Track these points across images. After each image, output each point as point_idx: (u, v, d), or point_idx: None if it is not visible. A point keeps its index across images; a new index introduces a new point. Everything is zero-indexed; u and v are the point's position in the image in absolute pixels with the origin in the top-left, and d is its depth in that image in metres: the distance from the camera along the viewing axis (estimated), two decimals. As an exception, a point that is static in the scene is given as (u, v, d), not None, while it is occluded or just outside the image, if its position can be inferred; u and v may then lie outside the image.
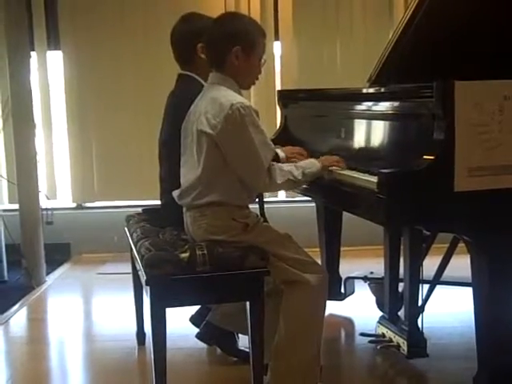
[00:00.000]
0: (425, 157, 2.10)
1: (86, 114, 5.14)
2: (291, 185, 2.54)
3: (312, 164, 2.55)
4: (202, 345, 3.08)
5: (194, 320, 3.13)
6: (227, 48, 2.48)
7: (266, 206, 3.18)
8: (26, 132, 4.42)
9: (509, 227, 2.16)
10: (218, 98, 2.45)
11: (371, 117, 2.62)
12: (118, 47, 5.06)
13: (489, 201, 2.13)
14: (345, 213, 3.25)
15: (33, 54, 4.86)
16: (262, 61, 2.59)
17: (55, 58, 5.20)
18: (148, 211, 3.12)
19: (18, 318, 3.84)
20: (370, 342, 3.03)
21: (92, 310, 4.22)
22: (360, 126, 2.71)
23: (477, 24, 2.74)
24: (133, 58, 5.04)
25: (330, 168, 2.55)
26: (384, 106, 2.53)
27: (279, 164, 2.54)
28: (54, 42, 5.13)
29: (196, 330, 3.08)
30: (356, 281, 3.68)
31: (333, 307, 3.48)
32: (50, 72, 5.15)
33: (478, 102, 2.08)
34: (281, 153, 2.83)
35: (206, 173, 2.46)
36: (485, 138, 2.10)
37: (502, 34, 2.77)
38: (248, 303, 2.45)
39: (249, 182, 2.47)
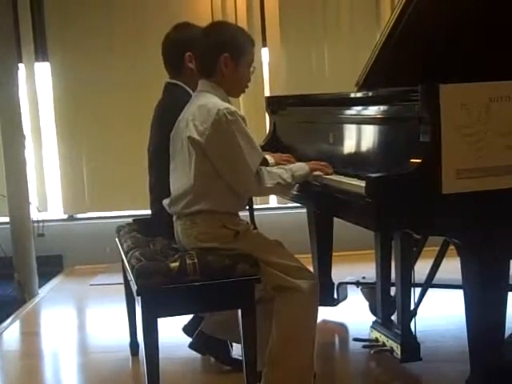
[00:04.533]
0: (412, 160, 2.10)
1: (76, 126, 5.13)
2: (281, 188, 2.53)
3: (301, 167, 2.56)
4: (195, 354, 3.07)
5: (187, 329, 3.12)
6: (216, 56, 2.49)
7: (256, 212, 3.18)
8: (16, 144, 4.40)
9: (497, 229, 2.16)
10: (205, 104, 2.46)
11: (359, 121, 2.63)
12: (106, 58, 5.06)
13: (477, 203, 2.12)
14: (336, 218, 3.25)
15: (20, 65, 4.85)
16: (252, 69, 2.60)
17: (43, 70, 5.19)
18: (138, 221, 3.11)
19: (11, 331, 3.82)
20: (364, 346, 3.03)
21: (85, 321, 4.20)
22: (348, 131, 2.71)
23: (463, 26, 2.75)
24: (121, 69, 5.04)
25: (316, 173, 2.55)
26: (372, 110, 2.53)
27: (268, 167, 2.54)
28: (41, 54, 5.13)
29: (189, 340, 3.07)
30: (348, 286, 3.67)
31: (326, 313, 3.48)
32: (38, 84, 5.14)
33: (464, 104, 2.08)
34: (270, 158, 2.83)
35: (196, 181, 2.46)
36: (471, 140, 2.10)
37: (489, 36, 2.78)
38: (239, 311, 2.45)
39: (237, 187, 2.47)
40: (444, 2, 2.76)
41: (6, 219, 4.54)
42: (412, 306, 2.90)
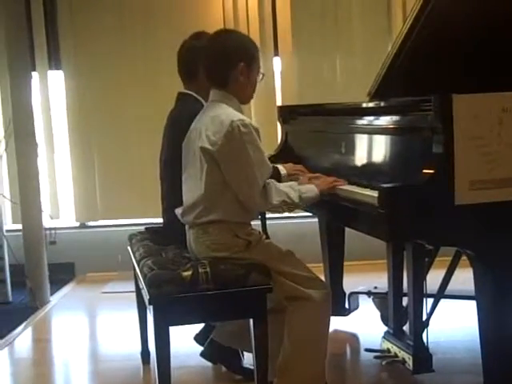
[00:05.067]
0: (425, 171, 2.10)
1: (88, 133, 5.16)
2: (286, 207, 2.50)
3: (310, 189, 2.53)
4: (206, 363, 3.07)
5: (199, 338, 3.12)
6: (231, 65, 2.49)
7: (268, 222, 3.19)
8: (29, 152, 4.42)
9: (510, 240, 2.15)
10: (218, 115, 2.47)
11: (371, 131, 2.63)
12: (119, 67, 5.08)
13: (490, 214, 2.12)
14: (348, 228, 3.25)
15: (34, 74, 4.88)
16: (261, 75, 2.60)
17: (56, 78, 5.22)
18: (150, 230, 3.12)
19: (23, 339, 3.83)
20: (376, 357, 3.02)
21: (97, 329, 4.21)
22: (360, 141, 2.71)
23: (475, 36, 2.75)
24: (134, 77, 5.07)
25: (330, 191, 2.54)
26: (384, 121, 2.53)
27: (276, 183, 2.52)
28: (55, 62, 5.16)
29: (200, 349, 3.07)
30: (360, 296, 3.66)
31: (337, 323, 3.47)
32: (51, 92, 5.17)
33: (477, 114, 2.08)
34: (282, 169, 2.84)
35: (208, 190, 2.47)
36: (484, 151, 2.09)
37: (502, 46, 2.78)
38: (251, 320, 2.45)
39: (243, 198, 2.46)
40: (456, 12, 2.76)
41: (19, 226, 4.57)
42: (424, 317, 2.88)
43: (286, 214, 5.14)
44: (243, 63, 2.49)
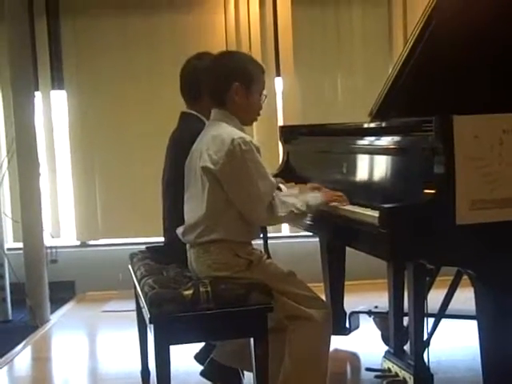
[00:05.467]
0: (426, 191, 2.11)
1: (90, 153, 5.18)
2: (294, 217, 2.53)
3: (315, 198, 2.56)
4: (206, 382, 3.05)
5: (199, 357, 3.11)
6: (227, 85, 2.51)
7: (269, 241, 3.19)
8: (31, 171, 4.44)
9: None
10: (219, 134, 2.48)
11: (372, 151, 2.64)
12: (122, 87, 5.12)
13: (491, 234, 2.13)
14: (348, 247, 3.25)
15: (37, 93, 4.92)
16: (263, 96, 2.61)
17: (59, 98, 5.25)
18: (151, 249, 3.11)
19: (23, 357, 3.83)
20: (376, 376, 3.00)
21: (97, 348, 4.20)
22: (361, 161, 2.73)
23: (476, 57, 2.77)
24: (136, 97, 5.10)
25: (332, 204, 2.56)
26: (385, 141, 2.54)
27: (280, 196, 2.53)
28: (58, 82, 5.20)
29: (200, 368, 3.05)
30: (361, 315, 3.66)
31: (338, 342, 3.46)
32: (54, 111, 5.20)
33: (477, 135, 2.10)
34: (284, 188, 2.85)
35: (210, 210, 2.47)
36: (485, 172, 2.10)
37: (503, 67, 2.80)
38: (252, 340, 2.44)
39: (249, 216, 2.47)
40: (458, 33, 2.78)
41: (20, 245, 4.57)
42: (425, 337, 2.88)
43: (287, 234, 5.20)
44: (238, 83, 2.50)
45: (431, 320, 2.99)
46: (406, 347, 2.96)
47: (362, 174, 2.73)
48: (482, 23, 2.73)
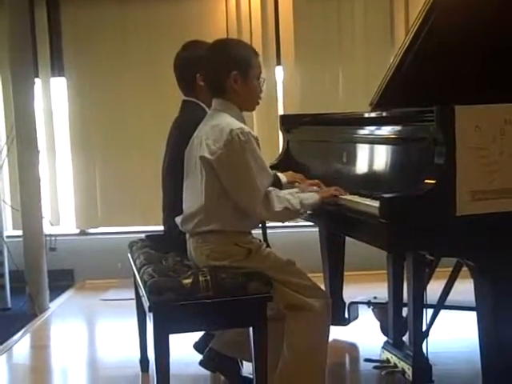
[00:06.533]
0: (426, 181, 2.10)
1: (90, 140, 5.17)
2: (288, 214, 2.49)
3: (311, 196, 2.53)
4: (205, 372, 3.05)
5: (198, 346, 3.11)
6: (224, 74, 2.50)
7: (269, 231, 3.18)
8: (30, 158, 4.43)
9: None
10: (218, 124, 2.47)
11: (373, 141, 2.63)
12: (122, 74, 5.10)
13: (491, 225, 2.12)
14: (348, 237, 3.25)
15: (37, 80, 4.90)
16: (262, 80, 2.60)
17: (59, 85, 5.24)
18: (151, 237, 3.12)
19: (21, 345, 3.83)
20: (375, 367, 3.01)
21: (95, 336, 4.20)
22: (362, 151, 2.72)
23: (478, 47, 2.76)
24: (136, 84, 5.08)
25: (332, 199, 2.54)
26: (386, 131, 2.53)
27: (277, 191, 2.51)
28: (57, 69, 5.18)
29: (200, 357, 3.06)
30: (360, 306, 3.66)
31: (337, 332, 3.46)
32: (53, 98, 5.19)
33: (479, 126, 2.09)
34: (283, 177, 2.85)
35: (208, 200, 2.47)
36: (486, 162, 2.10)
37: (505, 57, 2.78)
38: (251, 329, 2.44)
39: (245, 208, 2.46)
40: (459, 23, 2.77)
41: (19, 233, 4.57)
42: (424, 327, 2.88)
43: (287, 224, 5.19)
44: (236, 72, 2.50)
45: (430, 311, 2.99)
46: (405, 338, 2.97)
47: (362, 164, 2.72)
48: (483, 14, 2.72)
